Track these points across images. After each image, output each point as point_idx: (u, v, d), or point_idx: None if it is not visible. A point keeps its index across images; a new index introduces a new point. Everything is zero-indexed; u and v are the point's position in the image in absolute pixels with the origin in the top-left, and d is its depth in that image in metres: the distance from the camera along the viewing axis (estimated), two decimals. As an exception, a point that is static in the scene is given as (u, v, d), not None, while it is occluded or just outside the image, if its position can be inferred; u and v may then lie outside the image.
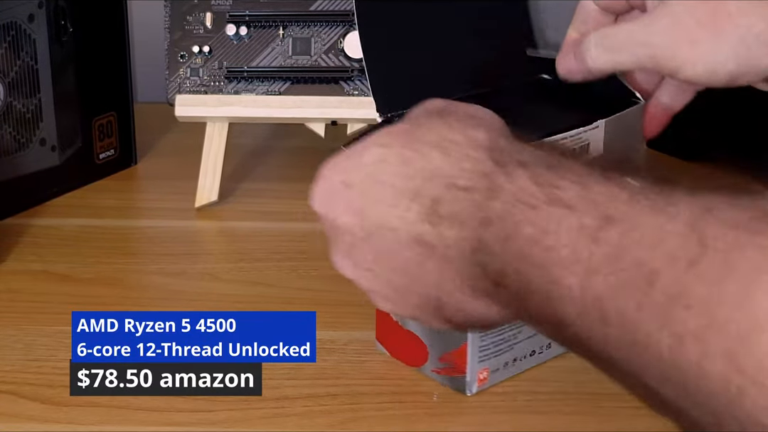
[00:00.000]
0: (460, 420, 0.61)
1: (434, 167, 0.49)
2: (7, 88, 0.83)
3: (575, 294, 0.43)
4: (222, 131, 0.86)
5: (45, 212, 0.87)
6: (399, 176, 0.50)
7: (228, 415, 0.61)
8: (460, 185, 0.48)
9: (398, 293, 0.53)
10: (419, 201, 0.49)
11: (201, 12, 0.86)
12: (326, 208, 0.55)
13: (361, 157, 0.53)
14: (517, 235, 0.45)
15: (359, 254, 0.53)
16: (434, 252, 0.49)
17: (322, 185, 0.55)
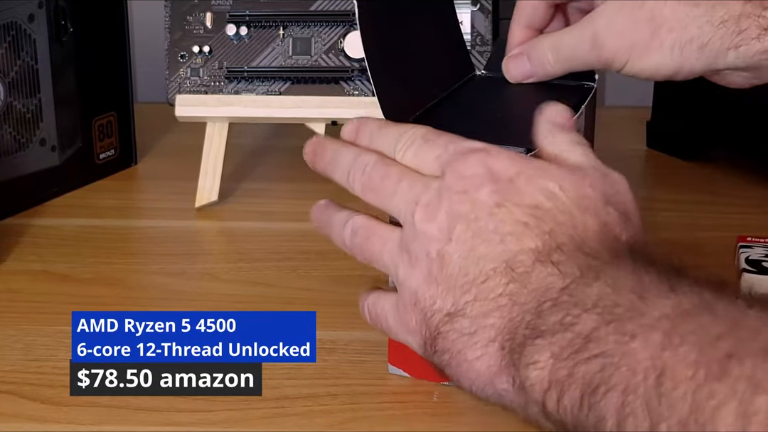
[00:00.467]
0: (460, 420, 0.61)
1: (582, 232, 0.51)
2: (7, 88, 0.83)
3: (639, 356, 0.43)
4: (222, 131, 0.86)
5: (45, 212, 0.87)
6: (551, 216, 0.52)
7: (228, 415, 0.61)
8: (586, 250, 0.50)
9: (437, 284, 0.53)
10: (544, 239, 0.51)
11: (201, 12, 0.86)
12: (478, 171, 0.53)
13: (539, 175, 0.53)
14: (612, 296, 0.47)
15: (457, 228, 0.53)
16: (508, 284, 0.51)
17: (495, 159, 0.54)
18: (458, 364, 0.52)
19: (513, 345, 0.49)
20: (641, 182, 0.96)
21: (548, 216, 0.52)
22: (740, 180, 0.92)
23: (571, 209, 0.52)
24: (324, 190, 0.90)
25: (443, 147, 0.55)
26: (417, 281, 0.54)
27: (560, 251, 0.50)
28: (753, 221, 0.84)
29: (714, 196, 0.89)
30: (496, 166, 0.53)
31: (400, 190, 0.55)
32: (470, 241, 0.52)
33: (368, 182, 0.57)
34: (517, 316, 0.50)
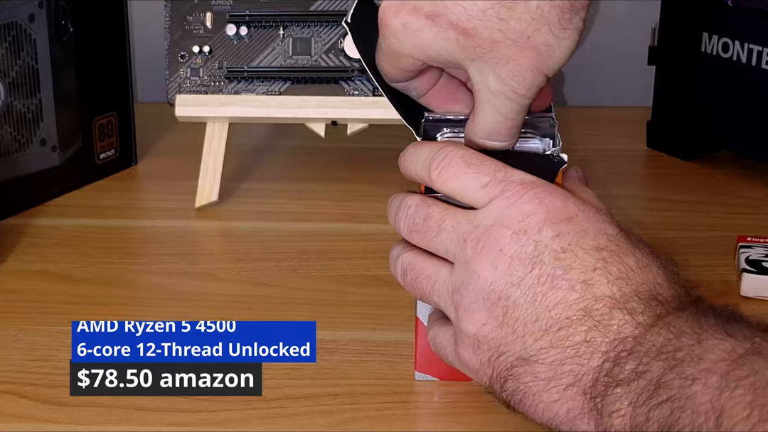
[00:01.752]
0: (460, 420, 0.61)
1: (653, 281, 0.52)
2: (7, 88, 0.83)
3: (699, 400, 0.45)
4: (222, 131, 0.86)
5: (45, 212, 0.87)
6: (618, 258, 0.52)
7: (228, 415, 0.61)
8: (660, 299, 0.51)
9: (500, 327, 0.53)
10: (620, 285, 0.51)
11: (201, 12, 0.86)
12: (537, 210, 0.53)
13: (598, 218, 0.53)
14: (674, 342, 0.48)
15: (519, 270, 0.52)
16: (588, 331, 0.51)
17: (551, 196, 0.53)
18: (533, 405, 0.52)
19: (595, 392, 0.50)
20: (641, 182, 0.96)
21: (615, 260, 0.52)
22: (740, 180, 0.92)
23: (635, 253, 0.52)
24: (324, 190, 0.91)
25: (491, 175, 0.54)
26: (475, 326, 0.53)
27: (637, 299, 0.51)
28: (753, 221, 0.84)
29: (714, 196, 0.89)
30: (556, 205, 0.53)
31: (444, 229, 0.55)
32: (537, 287, 0.52)
33: (412, 225, 0.56)
34: (598, 364, 0.50)
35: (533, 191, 0.53)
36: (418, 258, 0.57)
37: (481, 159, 0.55)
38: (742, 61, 0.88)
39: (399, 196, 0.58)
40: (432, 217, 0.55)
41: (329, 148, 0.96)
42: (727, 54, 0.90)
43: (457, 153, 0.55)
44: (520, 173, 0.54)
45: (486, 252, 0.53)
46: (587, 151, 0.97)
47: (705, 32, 0.91)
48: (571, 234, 0.52)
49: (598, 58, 1.11)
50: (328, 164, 0.95)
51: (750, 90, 0.89)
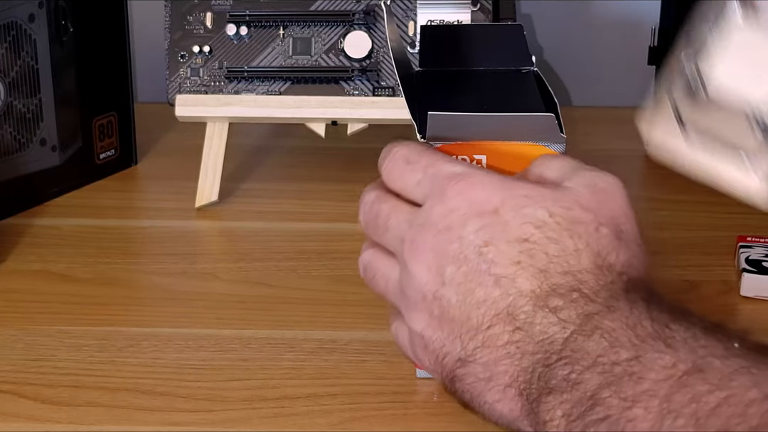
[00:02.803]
0: (460, 420, 0.61)
1: (576, 266, 0.50)
2: (7, 87, 0.83)
3: (640, 426, 0.44)
4: (222, 131, 0.86)
5: (45, 212, 0.87)
6: (542, 248, 0.50)
7: (228, 415, 0.61)
8: (583, 292, 0.49)
9: (441, 327, 0.52)
10: (540, 279, 0.50)
11: (201, 12, 0.86)
12: (460, 205, 0.52)
13: (524, 204, 0.51)
14: (610, 354, 0.46)
15: (448, 269, 0.51)
16: (513, 333, 0.50)
17: (475, 188, 0.52)
18: (480, 405, 0.52)
19: (529, 395, 0.49)
20: (641, 182, 0.96)
21: (539, 249, 0.50)
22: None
23: (562, 238, 0.51)
24: (324, 190, 0.91)
25: (422, 171, 0.54)
26: (420, 324, 0.53)
27: (557, 295, 0.49)
28: (753, 221, 0.84)
29: (714, 196, 0.88)
30: (478, 196, 0.52)
31: (390, 227, 0.55)
32: (465, 284, 0.51)
33: (367, 221, 0.56)
34: (528, 366, 0.49)
35: (458, 185, 0.52)
36: (375, 256, 0.57)
37: (420, 155, 0.55)
38: (742, 61, 0.88)
39: (366, 189, 0.58)
40: (380, 214, 0.55)
41: (329, 148, 0.96)
42: (727, 54, 0.89)
43: (401, 151, 0.55)
44: (450, 165, 0.53)
45: (419, 252, 0.52)
46: (587, 151, 0.97)
47: (705, 32, 0.91)
48: (494, 226, 0.51)
49: (598, 58, 1.11)
50: (328, 164, 0.95)
51: None
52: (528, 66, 0.70)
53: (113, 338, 0.69)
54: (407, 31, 0.84)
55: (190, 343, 0.68)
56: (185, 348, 0.68)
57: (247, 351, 0.67)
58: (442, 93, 0.66)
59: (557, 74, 1.11)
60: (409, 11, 0.85)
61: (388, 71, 0.85)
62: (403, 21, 0.85)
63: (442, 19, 0.84)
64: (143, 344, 0.68)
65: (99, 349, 0.68)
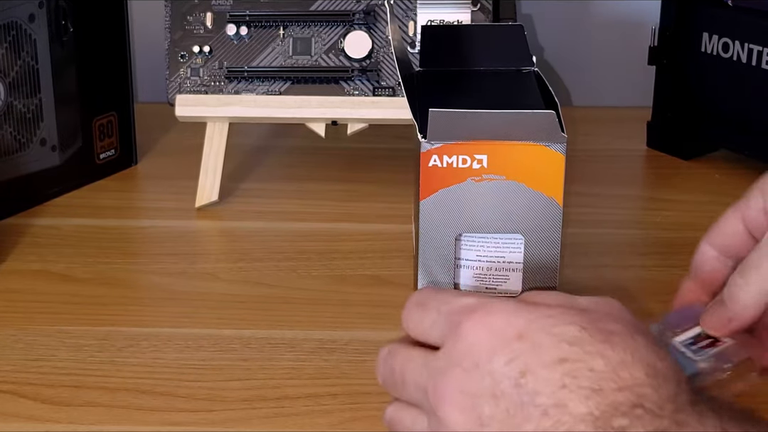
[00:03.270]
0: (460, 420, 0.61)
1: (632, 381, 0.46)
2: (7, 87, 0.83)
3: None
4: (222, 131, 0.86)
5: (45, 212, 0.87)
6: (585, 365, 0.46)
7: (228, 415, 0.61)
8: (647, 407, 0.45)
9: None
10: (594, 400, 0.46)
11: (201, 12, 0.86)
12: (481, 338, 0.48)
13: (551, 323, 0.48)
14: None
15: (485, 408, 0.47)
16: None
17: (492, 316, 0.49)
18: None
19: None
20: (641, 182, 0.96)
21: (583, 367, 0.46)
22: (740, 180, 0.92)
23: (604, 351, 0.47)
24: (324, 190, 0.91)
25: (436, 310, 0.51)
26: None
27: (619, 414, 0.45)
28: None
29: (714, 196, 0.89)
30: (497, 323, 0.48)
31: (407, 380, 0.51)
32: (508, 421, 0.47)
33: (384, 379, 0.53)
34: None
35: (473, 316, 0.49)
36: (398, 408, 0.53)
37: (432, 296, 0.52)
38: (742, 61, 0.88)
39: (382, 349, 0.55)
40: (395, 369, 0.52)
41: (329, 148, 0.96)
42: (727, 54, 0.90)
43: (413, 298, 0.53)
44: (464, 298, 0.50)
45: (447, 396, 0.48)
46: (587, 151, 0.97)
47: (705, 32, 0.91)
48: (525, 353, 0.47)
49: (598, 58, 1.11)
50: (328, 164, 0.95)
51: (750, 90, 0.89)
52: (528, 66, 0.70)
53: (113, 338, 0.69)
54: (407, 30, 0.84)
55: (190, 343, 0.68)
56: (185, 348, 0.68)
57: (247, 351, 0.67)
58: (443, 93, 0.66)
59: (558, 74, 1.11)
60: (409, 11, 0.85)
61: (388, 71, 0.85)
62: (403, 21, 0.85)
63: (442, 19, 0.84)
64: (143, 344, 0.68)
65: (99, 349, 0.68)
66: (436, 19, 0.84)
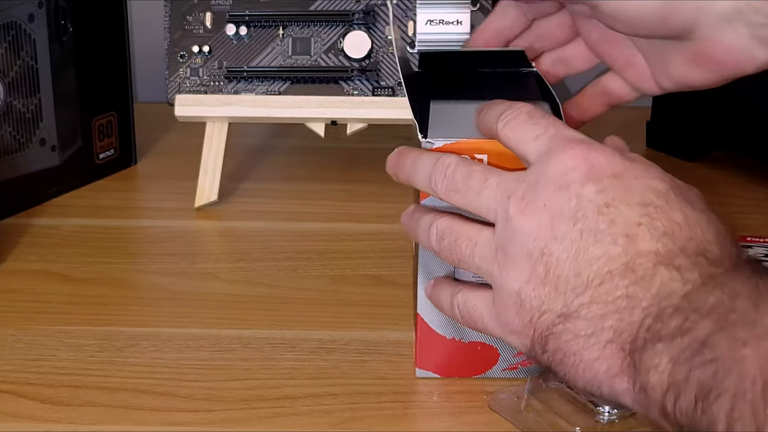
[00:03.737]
0: (460, 420, 0.61)
1: (702, 237, 0.50)
2: (7, 87, 0.83)
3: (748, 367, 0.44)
4: (222, 131, 0.86)
5: (45, 212, 0.87)
6: (665, 214, 0.51)
7: (228, 415, 0.61)
8: (709, 257, 0.49)
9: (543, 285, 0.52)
10: (663, 242, 0.50)
11: (201, 12, 0.86)
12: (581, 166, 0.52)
13: (646, 174, 0.52)
14: (727, 304, 0.46)
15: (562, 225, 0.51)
16: (629, 286, 0.49)
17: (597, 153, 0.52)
18: (574, 365, 0.51)
19: (634, 348, 0.49)
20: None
21: (663, 215, 0.50)
22: (740, 180, 0.92)
23: (685, 209, 0.51)
24: (324, 190, 0.91)
25: (544, 128, 0.54)
26: (518, 282, 0.52)
27: (683, 255, 0.49)
28: (753, 221, 0.84)
29: (714, 196, 0.88)
30: (600, 160, 0.52)
31: (488, 187, 0.54)
32: (579, 241, 0.51)
33: (451, 184, 0.55)
34: (638, 320, 0.49)
35: (579, 147, 0.52)
36: (455, 222, 0.56)
37: (542, 115, 0.55)
38: (742, 60, 0.88)
39: (431, 156, 0.57)
40: (474, 175, 0.55)
41: (329, 148, 0.96)
42: (727, 54, 0.89)
43: (524, 108, 0.56)
44: (573, 131, 0.54)
45: (530, 208, 0.52)
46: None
47: (705, 32, 0.91)
48: (616, 189, 0.51)
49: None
50: (328, 164, 0.95)
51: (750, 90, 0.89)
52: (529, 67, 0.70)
53: (113, 338, 0.69)
54: (407, 30, 0.84)
55: (190, 343, 0.68)
56: (185, 348, 0.68)
57: (247, 351, 0.67)
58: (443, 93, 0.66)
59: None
60: (409, 11, 0.85)
61: (387, 71, 0.85)
62: (403, 21, 0.85)
63: (441, 19, 0.84)
64: (143, 344, 0.68)
65: (99, 349, 0.68)
66: (436, 19, 0.84)
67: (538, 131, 0.54)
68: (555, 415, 0.60)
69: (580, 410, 0.60)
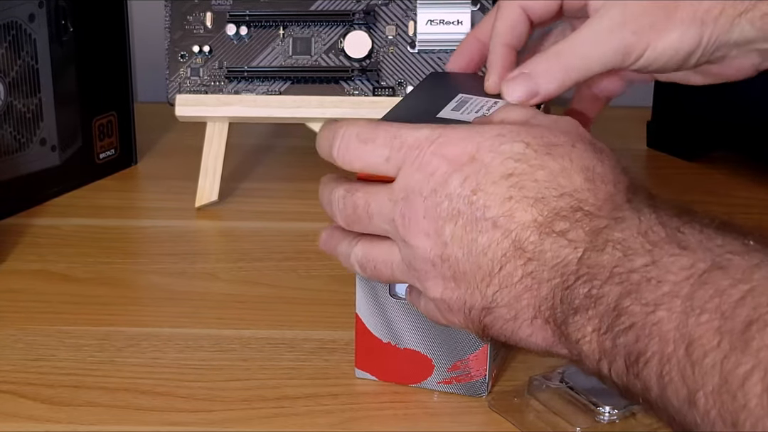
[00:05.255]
0: (460, 420, 0.61)
1: (571, 187, 0.51)
2: (7, 87, 0.83)
3: (665, 327, 0.44)
4: (222, 131, 0.86)
5: (45, 212, 0.87)
6: (529, 177, 0.51)
7: (228, 415, 0.61)
8: (586, 210, 0.50)
9: (457, 285, 0.53)
10: (538, 208, 0.51)
11: (201, 12, 0.86)
12: (439, 166, 0.53)
13: (499, 142, 0.52)
14: (625, 263, 0.47)
15: (446, 229, 0.52)
16: (525, 265, 0.51)
17: (448, 146, 0.53)
18: (517, 343, 0.53)
19: (556, 320, 0.50)
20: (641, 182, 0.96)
21: (527, 179, 0.51)
22: (740, 180, 0.92)
23: (546, 162, 0.51)
24: (324, 190, 0.90)
25: (387, 146, 0.54)
26: (438, 290, 0.54)
27: (560, 218, 0.50)
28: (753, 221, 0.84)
29: (714, 196, 0.89)
30: (453, 151, 0.52)
31: (373, 214, 0.55)
32: (466, 236, 0.52)
33: (346, 217, 0.57)
34: (548, 293, 0.50)
35: (430, 149, 0.53)
36: (368, 247, 0.57)
37: (374, 132, 0.55)
38: (742, 61, 0.88)
39: (327, 187, 0.58)
40: (358, 204, 0.56)
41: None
42: (727, 54, 0.89)
43: (351, 132, 0.56)
44: (414, 131, 0.54)
45: (413, 223, 0.53)
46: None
47: (705, 32, 0.91)
48: (476, 173, 0.52)
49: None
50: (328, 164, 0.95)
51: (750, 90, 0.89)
52: None
53: (113, 338, 0.69)
54: (407, 30, 0.84)
55: (190, 343, 0.68)
56: (185, 348, 0.68)
57: (246, 351, 0.67)
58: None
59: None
60: (409, 11, 0.85)
61: (388, 71, 0.85)
62: (403, 21, 0.85)
63: (442, 19, 0.84)
64: (143, 344, 0.68)
65: (99, 349, 0.68)
66: (436, 19, 0.84)
67: (384, 152, 0.54)
68: (555, 415, 0.60)
69: (580, 410, 0.60)
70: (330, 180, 0.58)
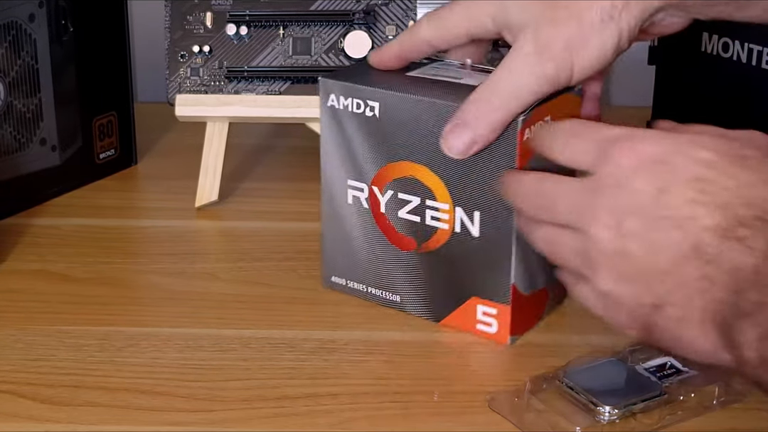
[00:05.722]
0: (460, 420, 0.61)
1: (759, 198, 0.51)
2: (7, 87, 0.83)
3: None
4: (222, 131, 0.86)
5: (45, 212, 0.87)
6: (717, 184, 0.52)
7: (227, 415, 0.61)
8: (766, 218, 0.50)
9: (630, 281, 0.54)
10: (721, 214, 0.51)
11: (201, 12, 0.86)
12: (629, 161, 0.54)
13: (692, 148, 0.53)
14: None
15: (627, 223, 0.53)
16: (703, 267, 0.51)
17: (642, 143, 0.54)
18: (681, 347, 0.54)
19: (723, 325, 0.50)
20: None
21: (716, 186, 0.52)
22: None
23: (736, 173, 0.52)
24: (324, 190, 0.90)
25: (589, 140, 0.56)
26: (609, 284, 0.55)
27: (743, 225, 0.51)
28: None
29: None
30: (645, 149, 0.54)
31: (559, 202, 0.57)
32: (645, 234, 0.53)
33: (532, 202, 0.59)
34: (720, 297, 0.51)
35: (624, 144, 0.54)
36: (555, 232, 0.58)
37: (583, 126, 0.58)
38: (742, 61, 0.88)
39: (514, 177, 0.61)
40: (546, 193, 0.58)
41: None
42: (727, 54, 0.89)
43: (564, 126, 0.59)
44: (614, 129, 0.56)
45: (595, 215, 0.54)
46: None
47: (705, 32, 0.91)
48: (664, 172, 0.53)
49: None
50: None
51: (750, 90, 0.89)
52: None
53: (113, 338, 0.69)
54: (407, 31, 0.84)
55: (190, 343, 0.68)
56: (185, 348, 0.68)
57: (247, 351, 0.67)
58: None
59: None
60: (409, 11, 0.85)
61: (388, 71, 0.85)
62: (403, 21, 0.85)
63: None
64: (143, 344, 0.68)
65: (99, 349, 0.68)
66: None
67: (585, 145, 0.57)
68: (555, 415, 0.60)
69: (580, 410, 0.60)
70: (515, 172, 0.61)
